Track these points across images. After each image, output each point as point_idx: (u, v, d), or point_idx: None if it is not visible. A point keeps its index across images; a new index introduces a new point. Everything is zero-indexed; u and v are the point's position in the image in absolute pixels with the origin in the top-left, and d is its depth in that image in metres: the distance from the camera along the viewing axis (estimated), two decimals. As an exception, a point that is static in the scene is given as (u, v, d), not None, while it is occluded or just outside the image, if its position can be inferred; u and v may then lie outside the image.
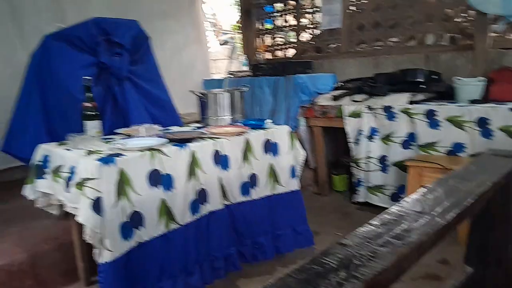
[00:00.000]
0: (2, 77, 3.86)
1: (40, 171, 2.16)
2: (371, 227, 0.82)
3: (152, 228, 1.92)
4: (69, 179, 1.91)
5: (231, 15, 9.03)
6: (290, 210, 2.55)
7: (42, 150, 2.19)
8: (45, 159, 2.15)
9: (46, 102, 2.67)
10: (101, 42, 2.56)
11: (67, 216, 2.24)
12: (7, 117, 2.99)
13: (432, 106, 3.00)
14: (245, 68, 5.00)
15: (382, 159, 3.27)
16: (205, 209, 2.16)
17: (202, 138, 2.24)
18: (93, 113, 2.18)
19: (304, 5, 4.71)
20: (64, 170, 1.98)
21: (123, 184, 1.81)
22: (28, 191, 2.25)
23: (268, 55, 5.10)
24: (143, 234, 1.89)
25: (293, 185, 2.58)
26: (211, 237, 2.19)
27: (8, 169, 4.11)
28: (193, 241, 2.10)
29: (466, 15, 3.55)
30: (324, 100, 3.66)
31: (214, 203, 2.20)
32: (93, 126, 2.16)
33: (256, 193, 2.41)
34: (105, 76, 2.65)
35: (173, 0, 5.34)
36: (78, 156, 1.91)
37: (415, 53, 3.75)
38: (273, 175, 2.48)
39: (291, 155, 2.57)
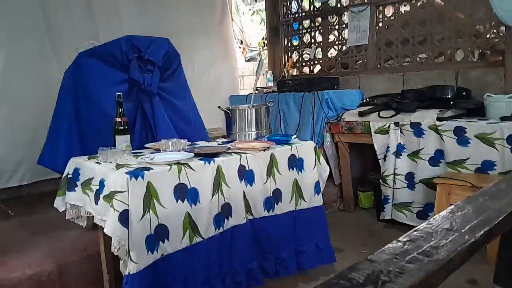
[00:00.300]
0: (38, 91, 4.02)
1: (71, 183, 2.22)
2: (399, 243, 0.81)
3: (177, 241, 1.94)
4: (98, 191, 1.95)
5: (258, 32, 9.15)
6: (312, 226, 2.53)
7: (73, 163, 2.26)
8: (76, 172, 2.21)
9: (79, 117, 2.76)
10: (133, 59, 2.64)
11: (95, 227, 2.28)
12: (43, 131, 3.11)
13: (461, 123, 2.94)
14: (271, 84, 5.04)
15: (410, 176, 3.21)
16: (229, 223, 2.17)
17: (228, 153, 2.26)
18: (124, 128, 2.23)
19: (331, 22, 4.73)
20: (93, 183, 2.03)
21: (150, 197, 1.84)
22: (58, 203, 2.31)
23: (294, 71, 5.13)
24: (167, 247, 1.91)
25: (317, 201, 2.56)
26: (234, 251, 2.19)
27: (40, 182, 4.26)
28: (216, 255, 2.11)
29: (497, 31, 3.50)
30: (350, 116, 3.65)
31: (238, 218, 2.20)
32: (123, 141, 2.22)
33: (280, 209, 2.40)
34: (136, 92, 2.72)
35: (203, 18, 5.45)
36: (108, 170, 1.96)
37: (444, 70, 3.71)
38: (297, 190, 2.48)
39: (316, 171, 2.57)
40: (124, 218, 1.75)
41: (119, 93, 2.25)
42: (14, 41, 3.97)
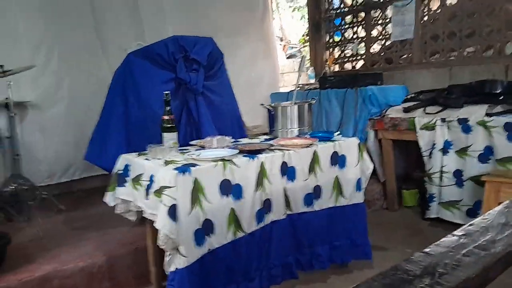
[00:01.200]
0: (88, 90, 4.20)
1: (121, 179, 2.31)
2: (454, 237, 0.81)
3: (222, 236, 2.00)
4: (148, 187, 2.03)
5: (298, 29, 9.12)
6: (351, 222, 2.53)
7: (124, 159, 2.35)
8: (126, 168, 2.30)
9: (127, 115, 2.86)
10: (179, 59, 2.72)
11: (142, 222, 2.37)
12: (92, 128, 3.25)
13: (511, 118, 2.83)
14: (313, 81, 5.01)
15: (458, 174, 3.12)
16: (269, 218, 2.21)
17: (271, 149, 2.29)
18: (171, 126, 2.30)
19: (374, 17, 4.65)
20: (143, 179, 2.11)
21: (197, 192, 1.90)
22: (108, 198, 2.40)
23: (336, 67, 5.08)
24: (213, 241, 1.97)
25: (358, 198, 2.55)
26: (272, 245, 2.23)
27: (89, 178, 4.45)
28: (256, 249, 2.16)
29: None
30: (394, 112, 3.58)
31: (278, 213, 2.24)
32: (170, 138, 2.29)
33: (319, 205, 2.41)
34: (182, 91, 2.81)
35: (244, 16, 5.50)
36: (157, 166, 2.03)
37: (493, 63, 3.57)
38: (337, 187, 2.47)
39: (358, 168, 2.55)
40: (173, 212, 1.81)
41: (167, 92, 2.32)
42: (66, 41, 4.16)
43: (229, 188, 2.01)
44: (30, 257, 2.59)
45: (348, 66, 5.02)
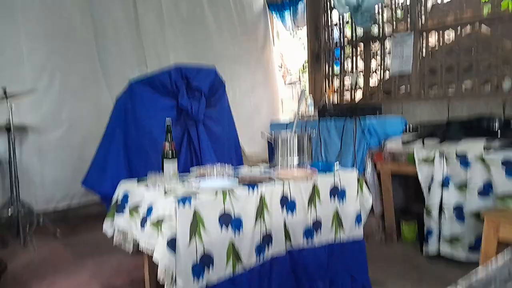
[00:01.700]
0: (89, 116, 4.23)
1: (119, 207, 2.29)
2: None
3: (221, 270, 1.96)
4: (146, 217, 2.01)
5: (298, 57, 9.23)
6: (351, 258, 2.49)
7: (123, 187, 2.34)
8: (125, 196, 2.29)
9: (127, 142, 2.87)
10: (181, 87, 2.75)
11: (139, 251, 2.34)
12: (92, 154, 3.25)
13: (510, 154, 2.84)
14: (312, 110, 5.05)
15: (458, 208, 3.10)
16: (269, 252, 2.17)
17: (271, 180, 2.28)
18: (172, 154, 2.30)
19: (373, 49, 4.73)
20: (141, 208, 2.09)
21: (196, 224, 1.88)
22: (107, 227, 2.37)
23: (335, 97, 5.13)
24: (212, 275, 1.93)
25: (357, 232, 2.52)
26: (272, 282, 2.19)
27: (85, 204, 4.42)
28: (256, 285, 2.11)
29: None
30: (393, 144, 3.60)
31: (278, 248, 2.21)
32: (170, 166, 2.28)
33: (319, 239, 2.38)
34: (184, 118, 2.83)
35: (245, 45, 5.59)
36: (156, 195, 2.02)
37: (491, 99, 3.62)
38: (337, 221, 2.45)
39: (358, 202, 2.53)
40: (172, 244, 1.79)
41: (169, 119, 2.33)
42: (68, 67, 4.21)
43: (228, 220, 1.99)
44: (25, 285, 2.56)
45: (347, 96, 5.07)
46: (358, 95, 4.98)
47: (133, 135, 2.85)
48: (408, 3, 4.36)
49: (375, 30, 4.68)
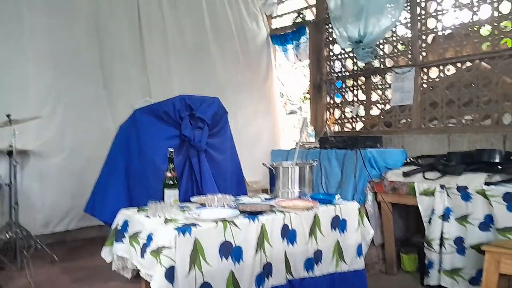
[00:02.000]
0: (92, 142, 4.25)
1: (119, 235, 2.29)
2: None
3: (220, 301, 1.94)
4: (145, 245, 2.00)
5: (299, 86, 9.34)
6: (352, 289, 2.47)
7: (123, 215, 2.34)
8: (125, 224, 2.29)
9: (129, 169, 2.89)
10: (185, 117, 2.78)
11: (137, 277, 2.31)
12: (92, 179, 3.26)
13: (510, 188, 2.85)
14: (313, 139, 5.09)
15: (459, 241, 3.09)
16: (269, 283, 2.15)
17: (272, 211, 2.28)
18: (173, 183, 2.31)
19: (374, 82, 4.80)
20: (141, 236, 2.09)
21: (196, 254, 1.87)
22: (106, 254, 2.37)
23: (336, 128, 5.17)
24: (211, 306, 1.91)
25: (358, 264, 2.51)
26: (273, 313, 2.16)
27: (84, 228, 4.40)
28: (257, 317, 2.08)
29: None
30: (394, 176, 3.60)
31: (278, 278, 2.19)
32: (171, 195, 2.29)
33: (319, 270, 2.36)
34: (186, 147, 2.86)
35: (248, 75, 5.69)
36: (156, 224, 2.02)
37: (491, 133, 3.65)
38: (338, 252, 2.44)
39: (359, 233, 2.53)
40: (170, 274, 1.78)
41: (171, 150, 2.35)
42: (73, 93, 4.27)
43: (229, 250, 1.98)
44: (21, 311, 2.52)
45: (348, 127, 5.11)
46: (359, 126, 5.02)
47: (135, 163, 2.87)
48: (409, 36, 4.44)
49: (376, 63, 4.75)
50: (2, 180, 3.66)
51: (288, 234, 2.24)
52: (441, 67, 4.17)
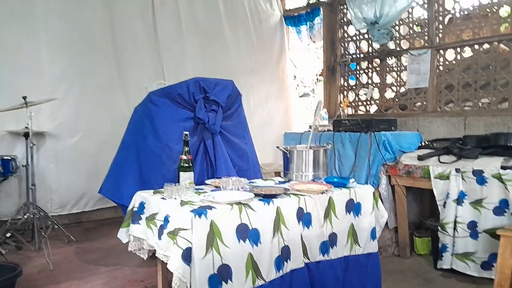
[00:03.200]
0: (106, 124, 4.30)
1: (135, 216, 2.31)
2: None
3: (240, 283, 1.95)
4: (162, 227, 2.02)
5: (311, 68, 9.26)
6: (365, 272, 2.48)
7: (139, 197, 2.36)
8: (141, 206, 2.31)
9: (144, 151, 2.91)
10: (199, 99, 2.78)
11: (153, 257, 2.35)
12: (107, 161, 3.29)
13: (528, 173, 2.82)
14: (326, 122, 5.06)
15: (472, 225, 3.08)
16: (288, 266, 2.17)
17: (286, 194, 2.29)
18: (188, 165, 2.33)
19: (389, 64, 4.73)
20: (158, 218, 2.11)
21: (213, 236, 1.89)
22: (122, 234, 2.39)
23: (350, 110, 5.13)
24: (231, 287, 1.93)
25: (372, 247, 2.52)
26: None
27: (100, 209, 4.47)
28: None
29: None
30: (408, 159, 3.58)
31: (296, 261, 2.20)
32: (186, 177, 2.31)
33: (334, 253, 2.38)
34: (200, 129, 2.86)
35: (261, 57, 5.65)
36: (173, 206, 2.03)
37: (508, 116, 3.59)
38: (352, 235, 2.44)
39: (373, 216, 2.53)
40: (187, 255, 1.80)
41: (186, 133, 2.36)
42: (87, 76, 4.29)
43: (246, 233, 1.99)
44: (40, 290, 2.59)
45: (362, 109, 5.07)
46: (373, 108, 4.97)
47: (149, 144, 2.88)
48: (425, 18, 4.36)
49: (391, 45, 4.68)
50: (19, 161, 3.71)
51: (303, 218, 2.24)
52: (458, 49, 4.09)
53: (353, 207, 2.45)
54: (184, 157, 2.33)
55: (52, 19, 4.13)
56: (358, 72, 5.11)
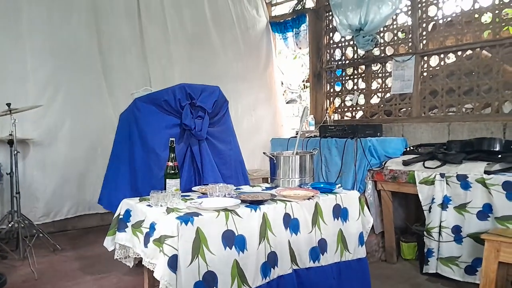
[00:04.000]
0: (92, 130, 4.27)
1: (121, 224, 2.30)
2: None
3: (225, 288, 1.95)
4: (148, 234, 2.01)
5: (299, 74, 9.31)
6: (356, 278, 2.49)
7: (125, 204, 2.34)
8: (127, 213, 2.29)
9: (131, 159, 2.89)
10: (186, 106, 2.78)
11: (139, 265, 2.33)
12: (92, 167, 3.27)
13: (510, 177, 2.86)
14: (313, 128, 5.09)
15: (456, 230, 3.11)
16: (275, 272, 2.16)
17: (273, 200, 2.29)
18: (174, 172, 2.32)
19: (375, 70, 4.79)
20: (144, 225, 2.10)
21: (199, 243, 1.89)
22: (108, 242, 2.37)
23: (336, 116, 5.17)
24: (216, 294, 1.92)
25: (360, 252, 2.54)
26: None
27: (85, 216, 4.43)
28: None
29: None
30: (394, 165, 3.62)
31: (284, 267, 2.20)
32: (173, 184, 2.30)
33: (325, 259, 2.38)
34: (187, 136, 2.86)
35: (248, 64, 5.67)
36: (159, 213, 2.02)
37: (491, 121, 3.65)
38: (342, 241, 2.46)
39: (360, 222, 2.55)
40: (173, 263, 1.79)
41: (172, 139, 2.36)
42: (72, 82, 4.26)
43: (232, 239, 1.99)
44: (23, 300, 2.54)
45: (348, 115, 5.11)
46: (359, 114, 5.02)
47: (137, 151, 2.87)
48: (410, 24, 4.42)
49: (376, 52, 4.73)
50: (3, 169, 3.66)
51: (291, 223, 2.25)
52: (442, 55, 4.16)
53: (340, 212, 2.46)
54: (170, 163, 2.33)
55: (36, 24, 4.09)
56: (343, 78, 5.16)
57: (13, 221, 3.47)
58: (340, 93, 5.20)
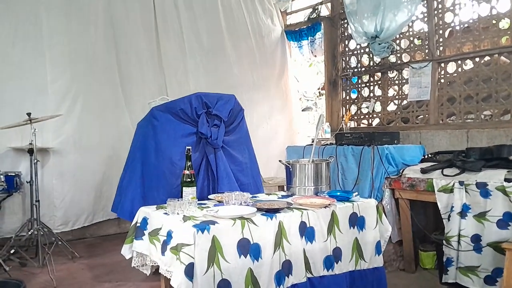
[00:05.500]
0: (109, 139, 4.33)
1: (139, 232, 2.32)
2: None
3: (239, 297, 1.95)
4: (165, 242, 2.03)
5: (313, 82, 9.30)
6: (371, 286, 2.46)
7: (142, 212, 2.36)
8: (144, 221, 2.31)
9: (144, 167, 2.93)
10: (202, 114, 2.80)
11: (156, 273, 2.34)
12: (109, 176, 3.31)
13: (532, 185, 2.80)
14: (328, 135, 5.07)
15: (476, 239, 3.05)
16: (289, 281, 2.16)
17: (289, 208, 2.28)
18: (191, 180, 2.34)
19: (391, 77, 4.75)
20: (161, 233, 2.11)
21: (215, 251, 1.89)
22: (125, 251, 2.40)
23: (352, 123, 5.14)
24: (230, 303, 1.92)
25: (377, 261, 2.50)
26: (294, 311, 2.16)
27: (103, 224, 4.49)
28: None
29: None
30: (412, 172, 3.57)
31: (298, 276, 2.19)
32: (189, 192, 2.32)
33: (339, 268, 2.36)
34: (203, 144, 2.88)
35: (263, 73, 5.68)
36: (175, 221, 2.04)
37: (511, 128, 3.58)
38: (357, 250, 2.43)
39: (377, 230, 2.52)
40: (190, 271, 1.80)
41: (189, 147, 2.37)
42: (91, 93, 4.34)
43: (247, 248, 2.00)
44: (43, 307, 2.57)
45: (364, 123, 5.08)
46: (376, 121, 4.98)
47: (151, 160, 2.91)
48: (426, 31, 4.39)
49: (392, 59, 4.70)
50: (23, 177, 3.73)
51: (306, 232, 2.24)
52: (459, 62, 4.11)
53: (356, 221, 2.44)
54: (187, 172, 2.35)
55: (56, 37, 4.18)
56: (359, 85, 5.13)
57: (33, 228, 3.53)
58: (356, 101, 5.18)
